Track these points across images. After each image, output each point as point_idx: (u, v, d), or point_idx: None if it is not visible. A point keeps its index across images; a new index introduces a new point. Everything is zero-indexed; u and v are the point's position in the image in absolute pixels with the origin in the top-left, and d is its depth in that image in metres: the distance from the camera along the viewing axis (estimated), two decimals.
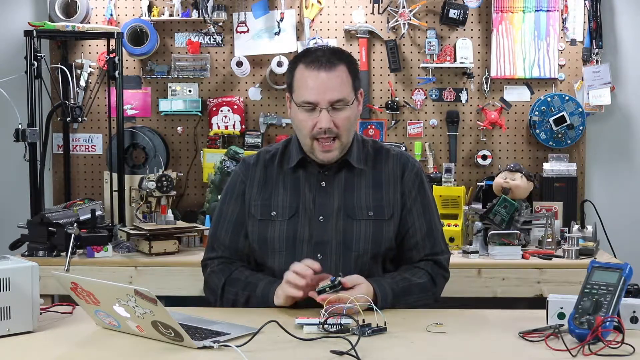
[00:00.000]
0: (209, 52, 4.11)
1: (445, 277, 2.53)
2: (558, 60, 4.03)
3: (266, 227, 2.46)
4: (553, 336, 1.98)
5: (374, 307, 2.12)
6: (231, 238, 2.51)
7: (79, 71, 4.04)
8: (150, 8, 4.05)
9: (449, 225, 3.55)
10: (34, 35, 3.67)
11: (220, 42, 4.09)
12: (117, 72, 3.82)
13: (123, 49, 3.93)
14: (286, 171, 2.51)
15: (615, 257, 3.57)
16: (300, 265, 2.29)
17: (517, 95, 4.08)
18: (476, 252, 3.43)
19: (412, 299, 2.40)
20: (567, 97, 3.97)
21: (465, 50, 4.01)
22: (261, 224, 2.47)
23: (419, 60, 4.07)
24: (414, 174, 2.52)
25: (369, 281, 2.33)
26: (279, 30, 4.04)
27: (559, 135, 3.98)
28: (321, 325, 2.04)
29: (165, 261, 3.41)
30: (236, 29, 4.08)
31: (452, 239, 3.51)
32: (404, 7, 3.97)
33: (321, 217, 2.45)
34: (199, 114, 4.10)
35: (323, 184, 2.48)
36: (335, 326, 2.04)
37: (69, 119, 3.78)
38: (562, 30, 4.03)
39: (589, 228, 3.60)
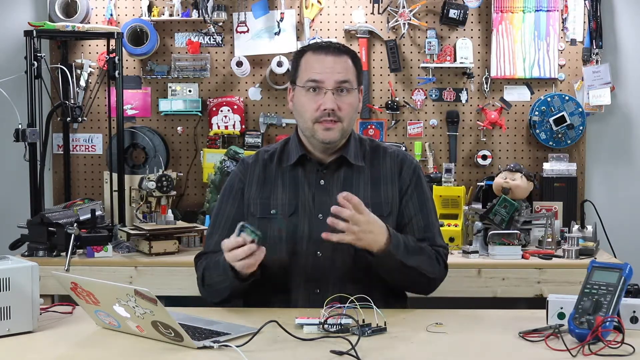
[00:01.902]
0: (209, 52, 4.11)
1: (444, 266, 2.50)
2: (558, 60, 4.03)
3: (265, 225, 2.46)
4: (553, 336, 1.98)
5: (375, 307, 2.12)
6: (227, 236, 2.50)
7: (79, 71, 4.03)
8: (150, 8, 4.05)
9: (449, 225, 3.55)
10: (34, 35, 3.66)
11: (220, 42, 4.08)
12: (117, 72, 3.81)
13: (123, 49, 3.93)
14: (285, 169, 2.52)
15: (615, 257, 3.57)
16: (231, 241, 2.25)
17: (517, 95, 4.08)
18: (476, 252, 3.43)
19: (421, 261, 2.39)
20: (567, 97, 3.97)
21: (465, 50, 4.01)
22: (260, 221, 2.47)
23: (419, 60, 4.06)
24: (412, 170, 2.53)
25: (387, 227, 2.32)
26: (279, 30, 4.03)
27: (559, 135, 3.98)
28: (321, 325, 2.04)
29: (165, 261, 3.41)
30: (236, 29, 4.07)
31: (452, 239, 3.51)
32: (404, 7, 3.97)
33: (320, 215, 2.45)
34: (199, 114, 4.10)
35: (322, 182, 2.49)
36: (335, 326, 2.04)
37: (69, 119, 3.78)
38: (562, 30, 4.02)
39: (589, 228, 3.59)
